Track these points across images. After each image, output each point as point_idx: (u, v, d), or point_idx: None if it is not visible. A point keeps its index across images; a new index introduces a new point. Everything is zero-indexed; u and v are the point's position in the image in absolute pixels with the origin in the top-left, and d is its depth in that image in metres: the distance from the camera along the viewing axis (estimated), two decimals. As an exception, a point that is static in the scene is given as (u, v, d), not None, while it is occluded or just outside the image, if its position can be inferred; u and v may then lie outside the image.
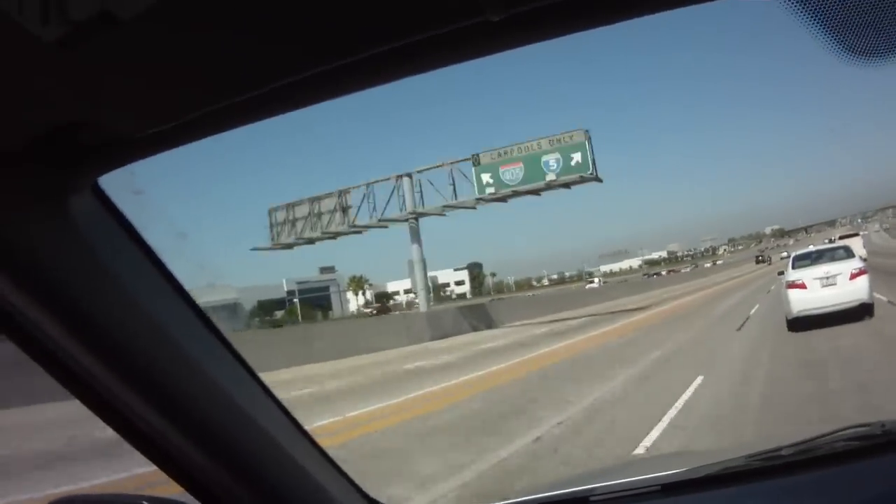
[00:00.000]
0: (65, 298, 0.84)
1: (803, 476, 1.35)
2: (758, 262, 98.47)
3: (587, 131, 32.26)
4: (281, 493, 1.15)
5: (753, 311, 20.22)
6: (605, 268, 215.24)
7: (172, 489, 1.18)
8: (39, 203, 0.77)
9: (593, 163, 32.04)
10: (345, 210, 36.44)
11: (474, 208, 35.21)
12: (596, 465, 5.64)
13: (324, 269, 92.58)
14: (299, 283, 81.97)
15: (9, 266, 0.78)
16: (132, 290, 0.90)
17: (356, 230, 37.17)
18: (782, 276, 15.26)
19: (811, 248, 17.90)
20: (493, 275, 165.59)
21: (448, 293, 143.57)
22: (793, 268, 13.49)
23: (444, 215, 36.03)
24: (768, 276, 41.59)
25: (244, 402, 1.09)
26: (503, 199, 34.25)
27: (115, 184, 0.87)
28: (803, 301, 12.53)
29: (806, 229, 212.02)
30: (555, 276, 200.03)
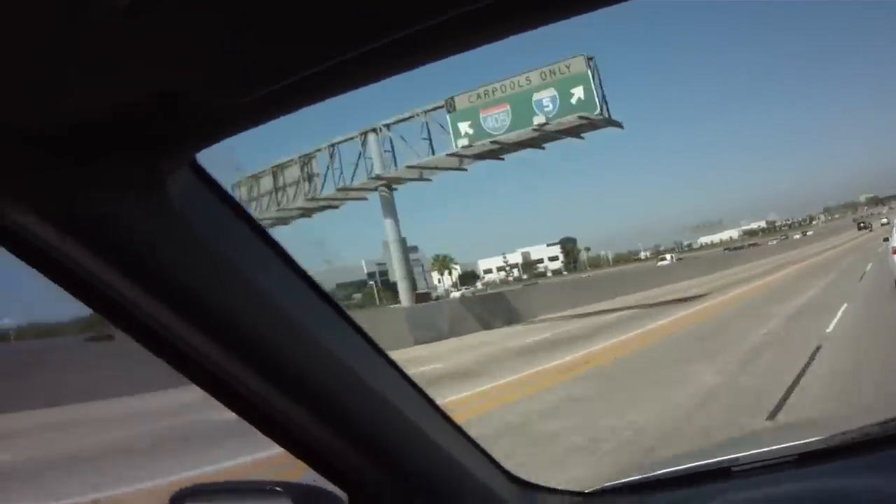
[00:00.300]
0: (171, 280, 0.80)
1: None
2: (860, 228, 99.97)
3: (591, 58, 23.96)
4: (420, 474, 1.10)
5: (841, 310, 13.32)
6: (704, 239, 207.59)
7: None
8: (137, 184, 0.73)
9: (603, 101, 23.88)
10: (310, 179, 29.95)
11: (464, 169, 27.86)
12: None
13: (409, 249, 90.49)
14: (379, 264, 76.13)
15: (110, 253, 0.75)
16: (240, 265, 0.85)
17: (328, 204, 30.65)
18: (888, 241, 16.06)
19: None
20: (588, 249, 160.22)
21: (541, 269, 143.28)
22: None
23: (428, 180, 28.89)
24: (868, 245, 39.88)
25: (372, 377, 1.03)
26: (495, 154, 26.64)
27: (210, 160, 0.81)
28: None
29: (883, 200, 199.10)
30: (650, 250, 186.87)
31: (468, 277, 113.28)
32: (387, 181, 28.07)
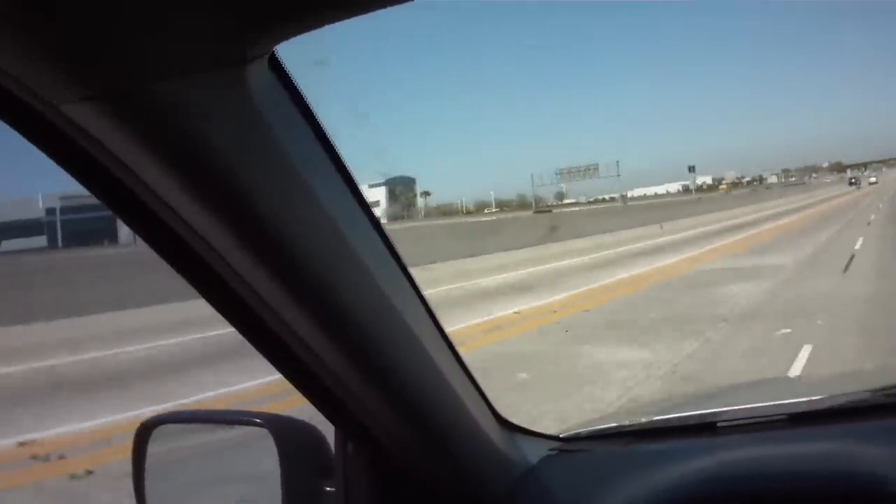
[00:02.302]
0: (225, 181, 0.75)
1: None
2: (850, 184, 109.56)
3: None
4: (415, 407, 1.06)
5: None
6: (639, 191, 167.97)
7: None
8: (214, 69, 0.68)
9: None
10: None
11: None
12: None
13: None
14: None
15: (169, 140, 0.70)
16: (299, 170, 0.81)
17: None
18: None
19: None
20: (427, 194, 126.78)
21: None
22: None
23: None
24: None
25: (401, 310, 0.98)
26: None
27: (294, 53, 0.78)
28: None
29: (865, 165, 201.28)
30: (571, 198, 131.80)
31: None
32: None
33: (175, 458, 1.26)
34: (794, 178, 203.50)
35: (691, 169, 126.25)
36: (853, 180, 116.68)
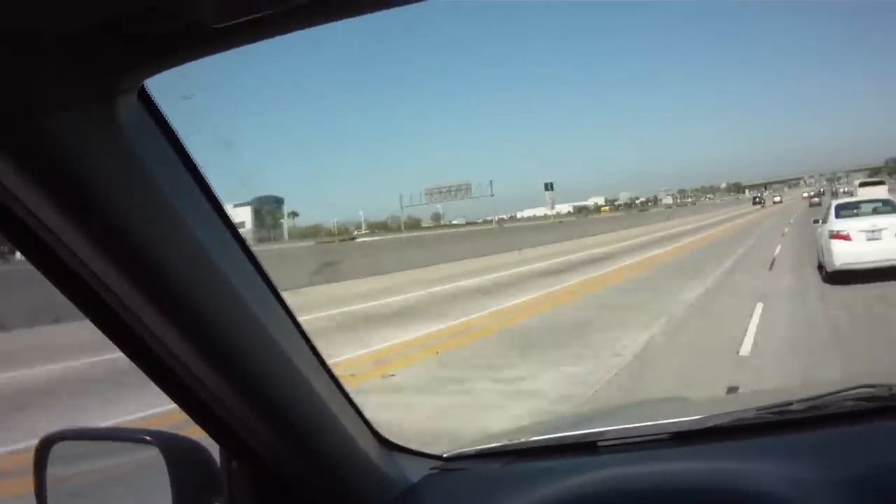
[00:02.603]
0: (98, 207, 0.79)
1: (814, 433, 1.36)
2: (754, 203, 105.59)
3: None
4: (294, 428, 1.10)
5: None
6: (528, 212, 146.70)
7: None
8: (87, 102, 0.73)
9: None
10: None
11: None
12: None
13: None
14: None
15: (44, 167, 0.75)
16: (170, 204, 0.85)
17: None
18: (818, 224, 14.90)
19: (854, 198, 18.29)
20: (295, 214, 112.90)
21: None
22: (836, 217, 13.24)
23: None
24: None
25: (273, 331, 1.02)
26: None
27: (161, 86, 0.83)
28: (847, 254, 12.14)
29: (766, 186, 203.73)
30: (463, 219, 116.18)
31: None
32: None
33: (72, 472, 1.28)
34: (690, 200, 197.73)
35: (548, 186, 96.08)
36: (758, 199, 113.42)
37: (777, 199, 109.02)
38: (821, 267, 13.53)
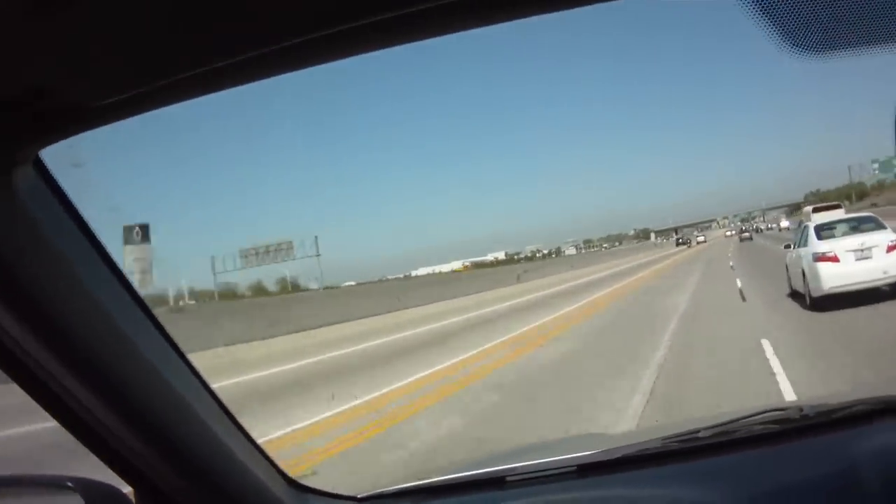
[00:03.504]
0: (4, 273, 0.84)
1: (720, 458, 1.38)
2: (678, 244, 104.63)
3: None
4: (203, 472, 1.16)
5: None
6: (424, 270, 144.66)
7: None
8: None
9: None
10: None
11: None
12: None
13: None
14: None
15: None
16: (68, 267, 0.91)
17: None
18: (789, 248, 13.99)
19: (834, 216, 15.52)
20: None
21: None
22: (818, 238, 12.03)
23: None
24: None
25: (174, 383, 1.09)
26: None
27: (54, 157, 0.88)
28: (836, 276, 11.12)
29: (676, 230, 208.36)
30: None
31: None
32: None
33: None
34: (595, 248, 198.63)
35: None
36: (681, 240, 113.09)
37: (701, 238, 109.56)
38: (795, 295, 12.71)
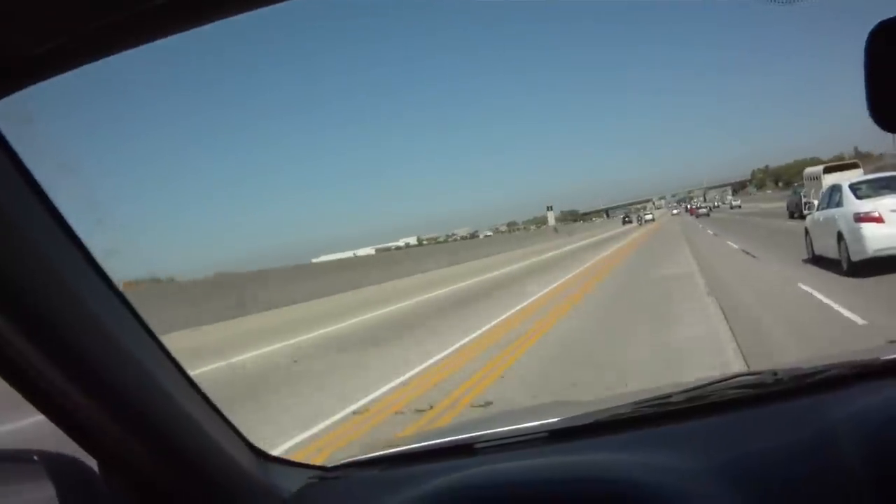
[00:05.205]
0: None
1: (693, 423, 1.38)
2: (624, 223, 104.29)
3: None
4: (167, 443, 1.15)
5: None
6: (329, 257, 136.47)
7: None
8: None
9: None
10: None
11: None
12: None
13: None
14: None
15: None
16: (19, 228, 0.88)
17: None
18: (810, 212, 13.25)
19: (852, 176, 15.10)
20: None
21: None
22: (856, 197, 10.82)
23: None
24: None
25: (132, 348, 1.08)
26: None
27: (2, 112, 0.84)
28: (882, 238, 9.99)
29: (607, 211, 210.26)
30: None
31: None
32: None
33: None
34: (518, 230, 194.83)
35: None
36: (627, 218, 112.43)
37: (649, 216, 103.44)
38: (819, 260, 11.89)
